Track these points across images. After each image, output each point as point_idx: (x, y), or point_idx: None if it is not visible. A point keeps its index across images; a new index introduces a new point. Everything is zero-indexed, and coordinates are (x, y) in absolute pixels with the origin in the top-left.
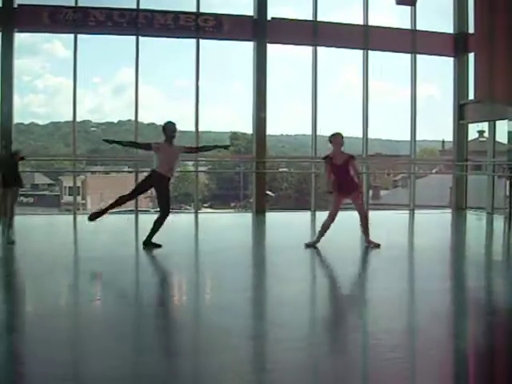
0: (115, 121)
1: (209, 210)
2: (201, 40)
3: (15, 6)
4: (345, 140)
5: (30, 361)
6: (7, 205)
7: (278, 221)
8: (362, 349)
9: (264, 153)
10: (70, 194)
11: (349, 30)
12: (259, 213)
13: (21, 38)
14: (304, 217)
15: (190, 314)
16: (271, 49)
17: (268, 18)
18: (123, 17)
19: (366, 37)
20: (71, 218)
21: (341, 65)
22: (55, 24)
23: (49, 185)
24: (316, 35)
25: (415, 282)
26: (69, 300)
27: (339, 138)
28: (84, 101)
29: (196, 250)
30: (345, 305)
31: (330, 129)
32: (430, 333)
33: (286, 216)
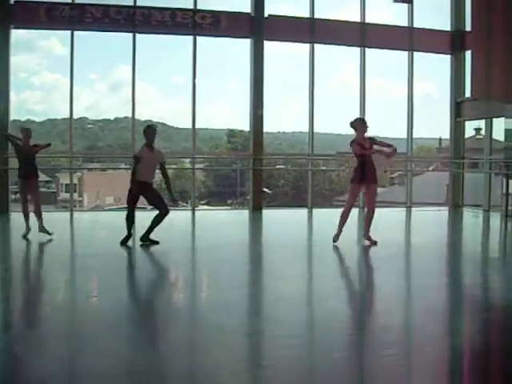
0: (112, 118)
1: (206, 207)
2: (198, 37)
3: (12, 3)
4: (341, 138)
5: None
6: (32, 198)
7: (275, 218)
8: (359, 345)
9: (261, 150)
10: (67, 191)
11: (346, 28)
12: (256, 210)
13: (17, 35)
14: (301, 214)
15: (187, 311)
16: (268, 46)
17: (265, 15)
18: (120, 13)
19: (363, 34)
20: (68, 215)
21: (338, 62)
22: (52, 20)
23: (45, 182)
24: (313, 32)
25: (412, 279)
26: (65, 296)
27: (363, 124)
28: (81, 98)
29: (193, 247)
30: (341, 302)
31: (327, 126)
32: (427, 329)
33: (283, 213)
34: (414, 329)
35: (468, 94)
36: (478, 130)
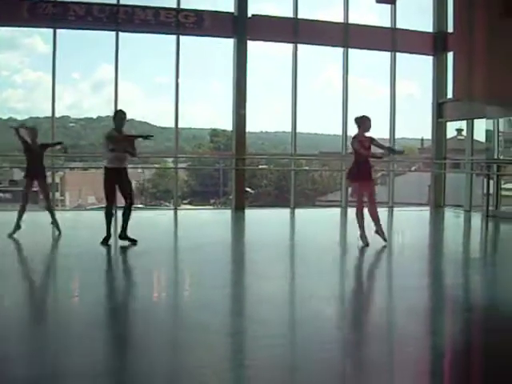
0: (94, 117)
1: (188, 207)
2: (181, 36)
3: None
4: (324, 138)
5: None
6: (43, 196)
7: (257, 218)
8: (340, 345)
9: (243, 150)
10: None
11: (329, 28)
12: (238, 210)
13: (0, 33)
14: (283, 214)
15: (169, 311)
16: (252, 46)
17: (249, 15)
18: (103, 12)
19: (346, 35)
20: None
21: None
22: (34, 18)
23: None
24: (296, 33)
25: (394, 280)
26: (46, 296)
27: (367, 121)
28: (63, 96)
29: (175, 247)
30: (323, 302)
31: (310, 126)
32: (408, 329)
33: (265, 213)
34: (396, 328)
35: (450, 95)
36: (460, 131)
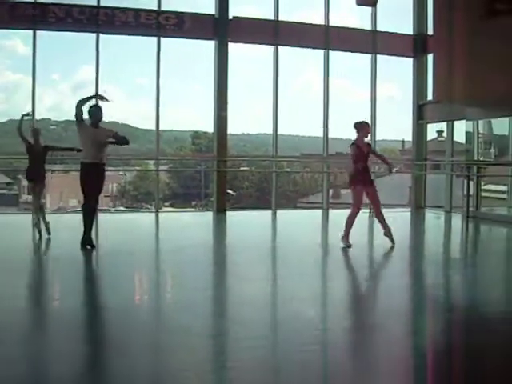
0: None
1: (170, 209)
2: (162, 38)
3: None
4: (305, 139)
5: None
6: (36, 199)
7: (239, 220)
8: (322, 346)
9: (225, 152)
10: (29, 193)
11: (310, 30)
12: (220, 212)
13: None
14: (264, 216)
15: (151, 313)
16: (233, 48)
17: (229, 17)
18: (83, 13)
19: (327, 37)
20: (30, 218)
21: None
22: (14, 20)
23: (7, 183)
24: (277, 35)
25: (375, 281)
26: (26, 300)
27: (366, 127)
28: (43, 98)
29: (156, 249)
30: (304, 303)
31: (291, 128)
32: (389, 330)
33: (247, 215)
34: (378, 329)
35: (430, 97)
36: (440, 133)
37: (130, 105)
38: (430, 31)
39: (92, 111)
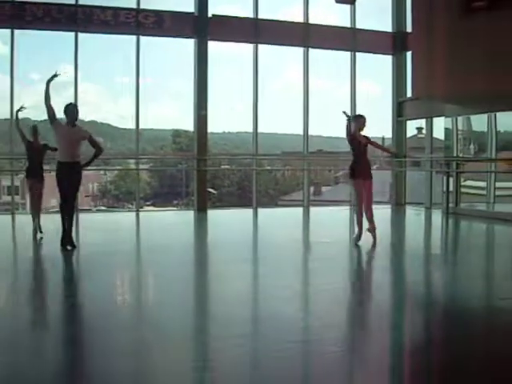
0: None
1: (151, 208)
2: (141, 37)
3: None
4: (286, 137)
5: None
6: (36, 198)
7: (218, 218)
8: (304, 343)
9: (205, 150)
10: (9, 194)
11: (289, 28)
12: (201, 210)
13: None
14: (245, 214)
15: (130, 313)
16: (213, 46)
17: (209, 15)
18: (61, 12)
19: (307, 35)
20: (10, 218)
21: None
22: None
23: None
24: (257, 33)
25: (356, 277)
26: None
27: (360, 121)
28: (23, 98)
29: (136, 249)
30: (284, 301)
31: (272, 126)
32: (371, 326)
33: (227, 213)
34: (358, 326)
35: (409, 94)
36: (420, 130)
37: (110, 104)
38: (409, 29)
39: (67, 110)
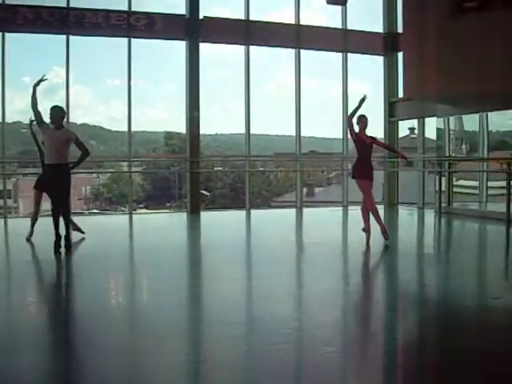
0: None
1: (144, 211)
2: (133, 39)
3: None
4: (279, 138)
5: None
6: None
7: (211, 220)
8: (297, 344)
9: (198, 152)
10: (1, 198)
11: (281, 29)
12: (194, 212)
13: None
14: (238, 215)
15: (122, 315)
16: (205, 48)
17: (200, 17)
18: (53, 15)
19: (298, 36)
20: (2, 222)
21: (274, 64)
22: None
23: None
24: (248, 34)
25: (350, 278)
26: None
27: (363, 120)
28: (14, 101)
29: (129, 252)
30: (278, 302)
31: (264, 127)
32: (364, 327)
33: (220, 215)
34: (352, 326)
35: (401, 95)
36: (412, 130)
37: (102, 106)
38: (400, 29)
39: (51, 112)
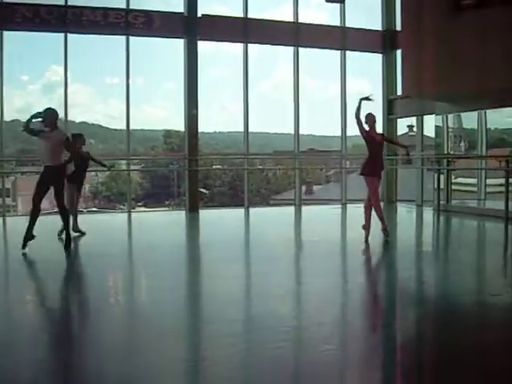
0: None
1: (143, 209)
2: (131, 37)
3: None
4: (278, 136)
5: None
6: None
7: (209, 218)
8: (296, 342)
9: (196, 150)
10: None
11: (279, 27)
12: (192, 210)
13: None
14: (237, 213)
15: (121, 313)
16: (203, 46)
17: (199, 15)
18: (51, 13)
19: (297, 34)
20: (1, 221)
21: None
22: None
23: None
24: (247, 32)
25: (348, 276)
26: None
27: (371, 118)
28: (13, 100)
29: (128, 249)
30: (277, 300)
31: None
32: (362, 324)
33: (219, 213)
34: (350, 324)
35: (400, 92)
36: (411, 127)
37: (100, 104)
38: (399, 27)
39: (46, 114)
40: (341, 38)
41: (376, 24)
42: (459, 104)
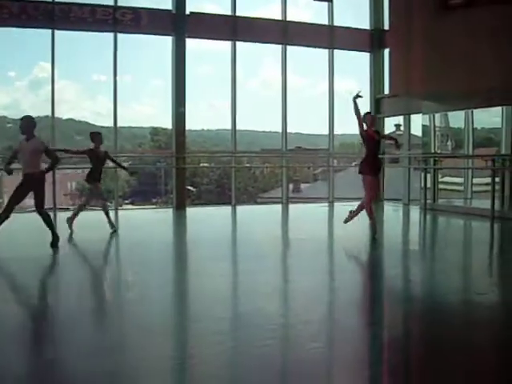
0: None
1: (130, 207)
2: (119, 34)
3: None
4: (265, 135)
5: None
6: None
7: (196, 216)
8: (283, 340)
9: (183, 148)
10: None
11: (267, 25)
12: (180, 208)
13: None
14: (224, 211)
15: (109, 310)
16: (191, 43)
17: (187, 13)
18: (38, 9)
19: (285, 32)
20: None
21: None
22: None
23: None
24: (235, 30)
25: (335, 274)
26: None
27: (369, 117)
28: None
29: (115, 247)
30: (263, 298)
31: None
32: (349, 322)
33: (206, 211)
34: (337, 322)
35: (387, 91)
36: (398, 126)
37: (87, 101)
38: (387, 26)
39: (22, 122)
40: (329, 37)
41: (364, 23)
42: (447, 103)
